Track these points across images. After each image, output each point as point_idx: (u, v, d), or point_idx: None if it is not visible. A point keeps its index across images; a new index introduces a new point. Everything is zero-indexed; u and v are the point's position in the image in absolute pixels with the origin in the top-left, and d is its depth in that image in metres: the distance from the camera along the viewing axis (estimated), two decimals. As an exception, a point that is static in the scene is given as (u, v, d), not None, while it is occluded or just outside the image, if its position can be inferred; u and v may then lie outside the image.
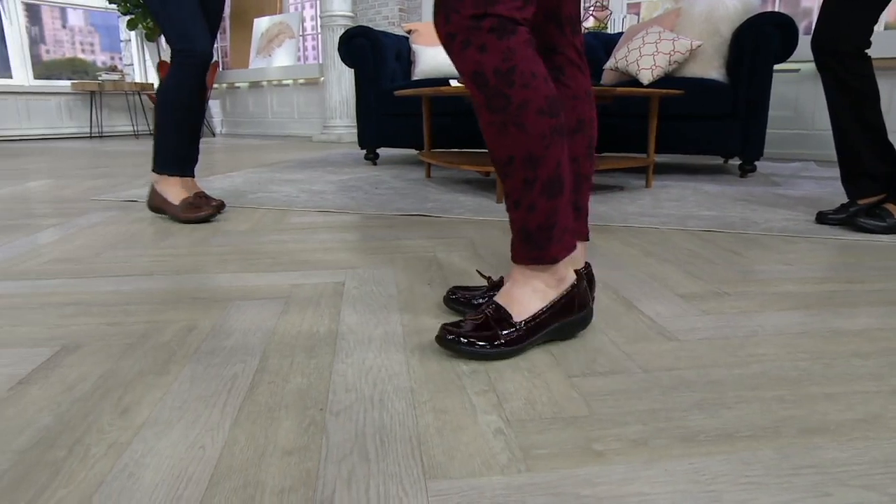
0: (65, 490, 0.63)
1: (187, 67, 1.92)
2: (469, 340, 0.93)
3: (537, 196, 0.94)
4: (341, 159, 4.05)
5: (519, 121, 0.90)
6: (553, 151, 0.93)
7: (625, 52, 3.01)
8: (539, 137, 0.91)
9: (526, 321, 0.97)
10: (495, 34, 0.87)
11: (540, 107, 0.90)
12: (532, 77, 0.90)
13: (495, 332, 0.95)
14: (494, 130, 0.92)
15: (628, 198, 2.41)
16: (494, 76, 0.88)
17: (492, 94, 0.89)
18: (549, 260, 0.98)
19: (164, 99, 1.95)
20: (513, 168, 0.93)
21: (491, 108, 0.91)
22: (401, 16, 5.91)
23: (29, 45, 6.78)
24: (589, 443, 0.71)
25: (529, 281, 0.99)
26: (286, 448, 0.70)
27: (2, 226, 1.98)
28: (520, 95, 0.89)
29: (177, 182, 2.04)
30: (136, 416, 0.77)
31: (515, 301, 0.98)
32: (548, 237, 0.97)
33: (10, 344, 1.01)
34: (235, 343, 1.00)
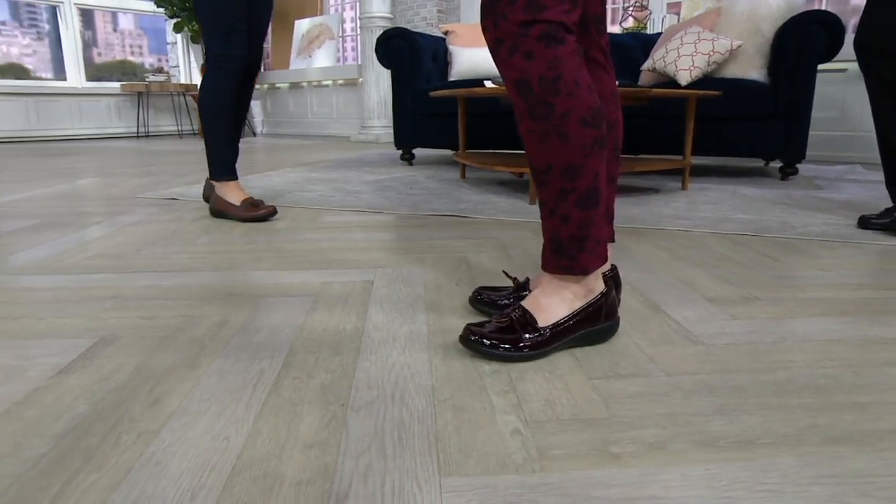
0: (96, 475, 0.65)
1: (226, 72, 1.96)
2: (492, 342, 0.94)
3: (572, 206, 0.94)
4: (378, 159, 4.09)
5: (561, 130, 0.90)
6: (592, 163, 0.92)
7: (662, 53, 2.97)
8: (580, 148, 0.91)
9: (551, 327, 0.96)
10: (543, 42, 0.87)
11: (583, 117, 0.90)
12: (576, 86, 0.89)
13: (519, 336, 0.95)
14: (535, 138, 0.92)
15: (663, 200, 2.37)
16: (539, 84, 0.88)
17: (535, 101, 0.89)
18: (580, 271, 0.97)
19: (207, 106, 1.99)
20: (550, 176, 0.93)
21: (533, 116, 0.91)
22: (439, 17, 5.93)
23: (82, 48, 7.01)
24: (606, 445, 0.71)
25: (558, 290, 0.99)
26: (307, 441, 0.72)
27: (53, 222, 2.06)
28: (564, 104, 0.89)
29: (234, 185, 2.09)
30: (165, 407, 0.80)
31: (542, 308, 0.98)
32: (579, 248, 0.96)
33: (54, 335, 1.05)
34: (264, 339, 1.03)
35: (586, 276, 0.99)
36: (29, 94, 6.50)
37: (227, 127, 2.03)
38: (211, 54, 1.96)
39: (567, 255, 0.97)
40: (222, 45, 1.94)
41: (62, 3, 6.80)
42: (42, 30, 6.98)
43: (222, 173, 2.07)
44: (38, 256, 1.59)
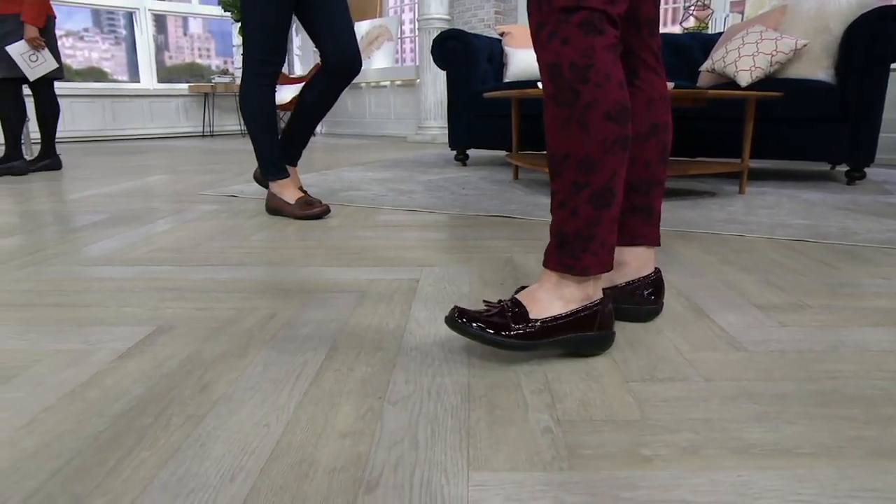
0: (147, 453, 0.70)
1: (264, 77, 2.01)
2: (479, 325, 0.91)
3: (583, 202, 0.92)
4: (433, 160, 4.12)
5: (583, 120, 0.89)
6: (610, 161, 0.91)
7: (722, 53, 2.89)
8: (600, 142, 0.89)
9: (542, 320, 0.93)
10: (582, 30, 0.87)
11: (608, 111, 0.89)
12: (607, 79, 0.88)
13: (507, 324, 0.92)
14: (557, 125, 0.91)
15: (718, 204, 2.32)
16: (570, 70, 0.88)
17: (563, 87, 0.89)
18: (580, 271, 0.94)
19: (249, 111, 2.04)
20: (566, 166, 0.92)
21: (559, 102, 0.90)
22: (496, 18, 5.93)
23: (155, 51, 7.32)
24: (636, 447, 0.71)
25: (556, 288, 0.96)
26: (343, 431, 0.74)
27: (123, 217, 2.17)
28: (590, 94, 0.88)
29: (288, 183, 2.15)
30: (213, 393, 0.84)
31: (537, 301, 0.95)
32: (583, 247, 0.93)
33: (117, 322, 1.12)
34: (309, 332, 1.06)
35: (586, 280, 0.96)
36: (105, 96, 6.83)
37: (270, 129, 2.08)
38: (250, 59, 2.00)
39: (570, 252, 0.94)
40: (263, 51, 1.98)
41: (138, 10, 7.11)
42: (119, 35, 7.33)
43: (273, 173, 2.13)
44: (108, 249, 1.68)
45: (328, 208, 2.09)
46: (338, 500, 0.62)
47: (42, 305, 1.22)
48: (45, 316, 1.15)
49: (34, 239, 1.82)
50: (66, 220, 2.11)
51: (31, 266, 1.51)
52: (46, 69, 3.38)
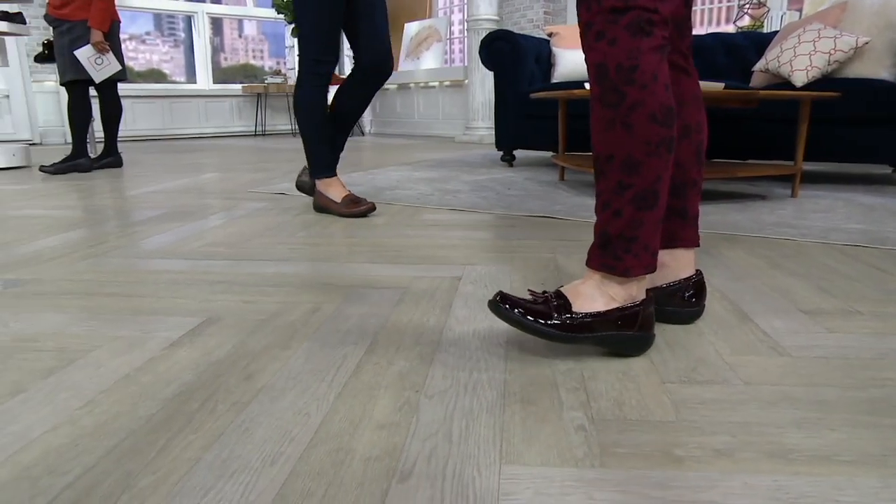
0: (194, 435, 0.73)
1: (318, 77, 2.06)
2: (519, 311, 0.92)
3: (627, 203, 0.92)
4: (479, 160, 4.14)
5: (628, 121, 0.89)
6: (655, 162, 0.91)
7: (777, 53, 2.82)
8: (643, 143, 0.90)
9: (584, 314, 0.94)
10: (629, 31, 0.87)
11: (652, 112, 0.89)
12: (653, 80, 0.89)
13: (549, 313, 0.93)
14: (602, 126, 0.92)
15: (768, 207, 2.26)
16: (616, 71, 0.88)
17: (608, 88, 0.89)
18: (621, 272, 0.94)
19: (302, 110, 2.09)
20: (610, 167, 0.92)
21: (604, 103, 0.91)
22: (545, 18, 5.90)
23: (211, 53, 7.55)
24: (670, 448, 0.71)
25: (599, 286, 0.96)
26: (379, 422, 0.77)
27: (177, 213, 2.25)
28: (635, 95, 0.88)
29: (335, 182, 2.20)
30: (257, 382, 0.87)
31: (580, 295, 0.96)
32: (626, 248, 0.93)
33: (170, 313, 1.17)
34: (351, 326, 1.09)
35: (629, 280, 0.95)
36: (164, 97, 7.07)
37: (322, 128, 2.13)
38: (306, 59, 2.05)
39: (612, 253, 0.94)
40: (318, 51, 2.03)
41: (196, 13, 7.34)
42: (178, 38, 7.58)
43: (322, 171, 2.18)
44: (163, 243, 1.75)
45: (374, 206, 2.12)
46: (372, 487, 0.64)
47: (102, 295, 1.28)
48: (104, 305, 1.22)
49: (96, 232, 1.91)
50: (126, 215, 2.21)
51: (92, 258, 1.59)
52: (111, 71, 3.53)
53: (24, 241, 1.78)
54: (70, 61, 3.45)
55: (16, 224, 2.06)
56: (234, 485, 0.64)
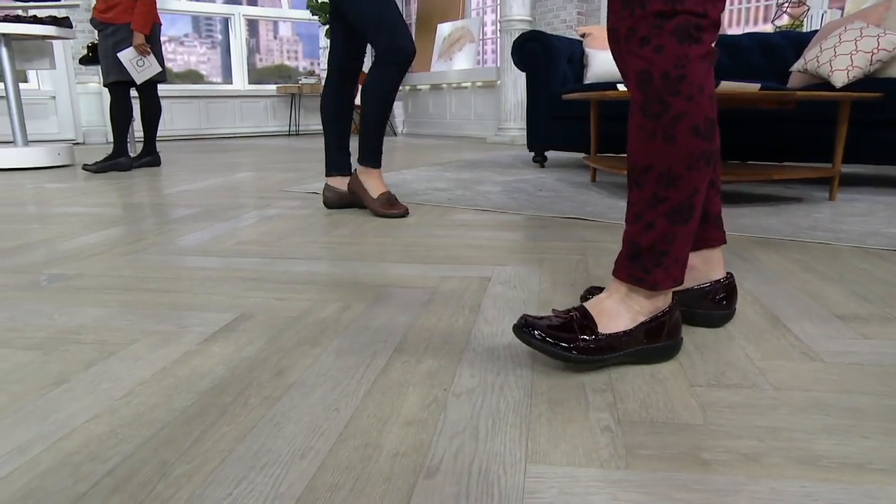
0: (227, 428, 0.75)
1: (394, 65, 2.07)
2: (543, 337, 0.90)
3: (661, 216, 0.90)
4: (510, 161, 4.13)
5: (670, 132, 0.87)
6: (693, 176, 0.89)
7: (816, 52, 2.76)
8: (685, 156, 0.88)
9: (609, 335, 0.92)
10: (676, 38, 0.84)
11: (696, 125, 0.87)
12: (699, 91, 0.86)
13: (574, 336, 0.91)
14: (642, 135, 0.89)
15: (804, 211, 2.22)
16: (661, 79, 0.86)
17: (652, 97, 0.87)
18: (650, 285, 0.92)
19: (370, 93, 2.11)
20: (647, 178, 0.90)
21: (646, 112, 0.88)
22: (578, 19, 5.87)
23: (247, 54, 7.67)
24: (696, 451, 0.71)
25: (625, 300, 0.95)
26: (407, 419, 0.78)
27: (212, 211, 2.30)
28: (680, 107, 0.86)
29: (377, 175, 2.22)
30: (288, 378, 0.89)
31: (606, 313, 0.94)
32: (656, 262, 0.92)
33: (205, 308, 1.20)
34: (381, 325, 1.11)
35: (656, 293, 0.94)
36: (201, 97, 7.21)
37: (384, 119, 2.15)
38: (378, 49, 2.06)
39: (642, 265, 0.92)
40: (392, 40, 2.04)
41: (233, 15, 7.47)
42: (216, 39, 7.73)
43: (372, 160, 2.19)
44: (198, 240, 1.80)
45: (406, 211, 2.14)
46: (399, 482, 0.65)
47: (140, 290, 1.32)
48: (142, 300, 1.25)
49: (134, 229, 1.96)
50: (163, 213, 2.26)
51: (131, 254, 1.63)
52: (151, 73, 3.62)
53: (67, 238, 1.84)
54: (113, 63, 3.55)
55: (60, 221, 2.12)
56: (265, 476, 0.66)
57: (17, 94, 3.90)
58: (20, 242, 1.78)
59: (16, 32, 3.70)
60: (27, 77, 6.27)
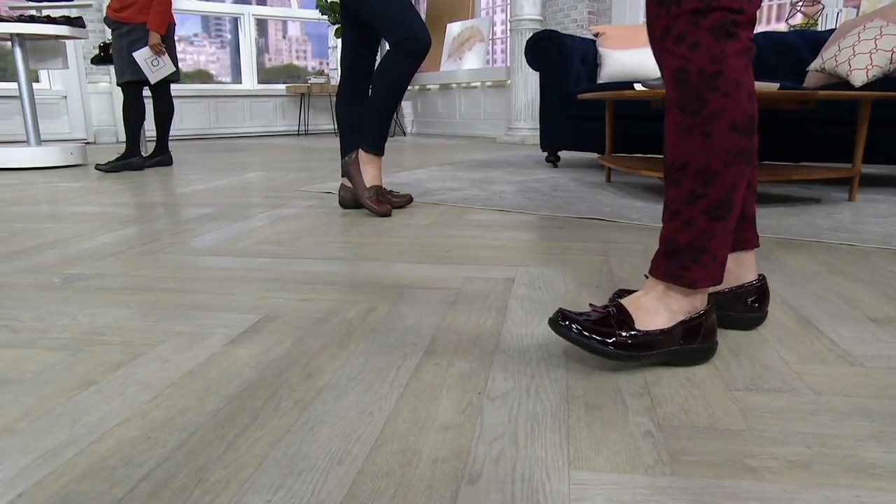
0: (261, 432, 0.74)
1: (409, 55, 2.05)
2: (580, 331, 0.89)
3: (699, 213, 0.89)
4: (522, 161, 4.11)
5: (707, 129, 0.86)
6: (732, 172, 0.87)
7: (834, 51, 2.73)
8: (722, 153, 0.86)
9: (646, 332, 0.91)
10: (713, 34, 0.83)
11: (734, 121, 0.86)
12: (736, 87, 0.85)
13: (612, 331, 0.90)
14: (679, 132, 0.88)
15: (824, 211, 2.19)
16: (698, 76, 0.85)
17: (689, 94, 0.86)
18: (688, 283, 0.91)
19: (381, 78, 2.09)
20: (684, 176, 0.89)
21: (683, 108, 0.87)
22: (590, 18, 5.84)
23: (256, 54, 7.67)
24: (742, 457, 0.69)
25: (662, 298, 0.93)
26: (444, 424, 0.76)
27: (226, 211, 2.29)
28: (717, 103, 0.85)
29: (377, 164, 2.19)
30: (318, 380, 0.88)
31: (643, 310, 0.93)
32: (694, 259, 0.90)
33: (227, 309, 1.19)
34: (408, 326, 1.09)
35: (693, 292, 0.93)
36: (210, 97, 7.22)
37: (392, 108, 2.13)
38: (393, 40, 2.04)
39: (679, 263, 0.91)
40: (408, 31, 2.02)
41: (243, 15, 7.47)
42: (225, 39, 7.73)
43: (374, 145, 2.17)
44: (215, 240, 1.78)
45: (391, 212, 2.12)
46: (441, 489, 0.63)
47: (161, 291, 1.31)
48: (164, 300, 1.24)
49: (150, 229, 1.95)
50: (178, 213, 2.25)
51: (149, 254, 1.62)
52: (166, 73, 3.62)
53: (84, 237, 1.84)
54: (128, 62, 3.55)
55: (75, 220, 2.12)
56: (304, 483, 0.64)
57: (31, 95, 3.90)
58: (38, 242, 1.78)
59: (30, 32, 3.71)
60: (38, 77, 6.28)
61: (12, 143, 5.71)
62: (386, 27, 2.04)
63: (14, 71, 3.84)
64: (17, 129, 6.17)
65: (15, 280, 1.40)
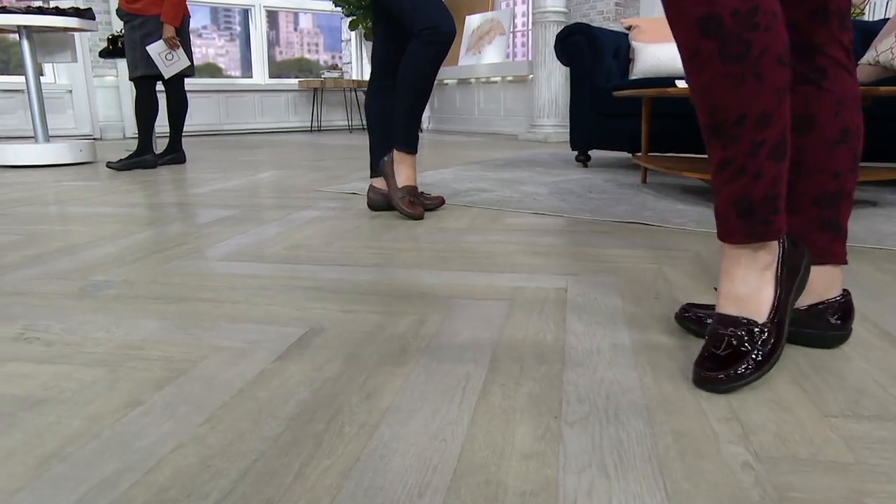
0: (328, 461, 0.71)
1: (433, 45, 2.03)
2: (728, 374, 0.88)
3: (764, 160, 0.87)
4: (549, 159, 4.08)
5: (758, 71, 0.83)
6: (783, 109, 0.86)
7: (890, 43, 2.68)
8: (775, 91, 0.84)
9: (770, 317, 0.91)
10: None
11: (779, 54, 0.83)
12: (774, 18, 0.82)
13: (751, 350, 0.89)
14: (727, 85, 0.84)
15: (883, 215, 2.15)
16: (733, 18, 0.81)
17: (728, 39, 0.82)
18: (774, 235, 0.90)
19: (407, 68, 2.07)
20: (742, 129, 0.86)
21: (725, 58, 0.83)
22: (616, 11, 5.79)
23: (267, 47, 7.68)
24: (858, 495, 0.66)
25: (750, 265, 0.93)
26: (524, 452, 0.73)
27: (249, 213, 2.28)
28: (762, 40, 0.82)
29: (410, 163, 2.17)
30: (379, 402, 0.85)
31: (743, 299, 0.92)
32: (773, 208, 0.89)
33: (269, 321, 1.16)
34: (465, 341, 1.06)
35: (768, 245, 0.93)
36: (220, 91, 7.23)
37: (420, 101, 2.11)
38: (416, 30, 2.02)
39: (760, 218, 0.90)
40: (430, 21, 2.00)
41: (253, 6, 7.48)
42: (234, 31, 7.74)
43: (404, 143, 2.15)
44: (243, 244, 1.76)
45: (423, 215, 2.09)
46: (535, 528, 0.60)
47: (195, 300, 1.29)
48: (200, 311, 1.22)
49: (172, 232, 1.94)
50: (198, 215, 2.24)
51: (176, 259, 1.61)
52: (180, 67, 3.61)
53: (103, 241, 1.82)
54: (141, 56, 3.54)
55: (91, 222, 2.11)
56: (384, 518, 0.62)
57: (39, 89, 3.91)
58: (56, 246, 1.76)
59: (38, 24, 3.71)
60: (42, 70, 6.31)
61: (18, 138, 5.73)
62: (408, 17, 2.03)
63: (19, 63, 3.85)
64: (22, 124, 6.20)
65: (39, 287, 1.38)
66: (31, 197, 2.68)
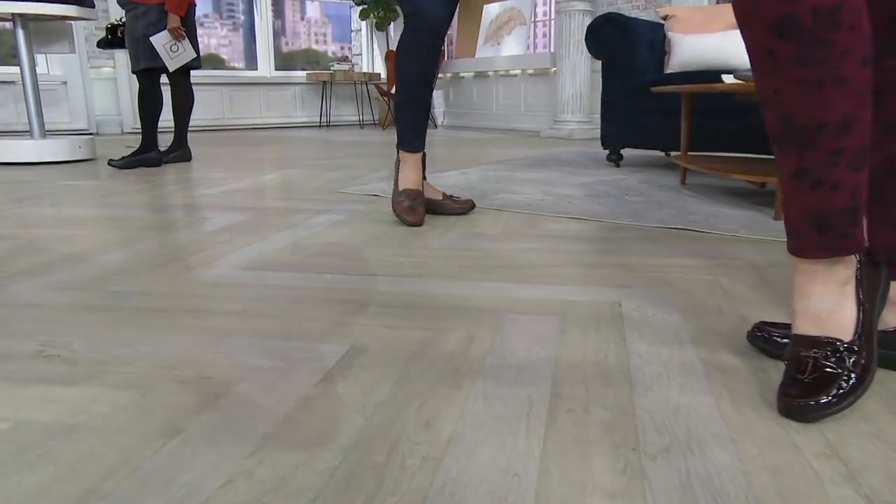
0: (393, 498, 0.69)
1: (415, 31, 2.02)
2: (818, 402, 0.84)
3: (844, 170, 0.84)
4: (577, 158, 4.05)
5: (840, 74, 0.79)
6: (866, 114, 0.83)
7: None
8: (857, 95, 0.81)
9: (857, 335, 0.88)
10: None
11: (864, 55, 0.80)
12: (858, 14, 0.79)
13: (840, 373, 0.86)
14: (808, 91, 0.81)
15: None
16: (813, 17, 0.77)
17: (808, 41, 0.79)
18: (856, 248, 0.88)
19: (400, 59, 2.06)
20: (821, 137, 0.83)
21: (804, 60, 0.80)
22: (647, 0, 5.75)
23: (272, 38, 7.68)
24: None
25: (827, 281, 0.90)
26: (607, 489, 0.71)
27: (268, 216, 2.26)
28: (845, 40, 0.78)
29: (411, 163, 2.15)
30: (440, 431, 0.83)
31: (823, 318, 0.89)
32: (853, 221, 0.87)
33: (307, 338, 1.14)
34: (521, 361, 1.04)
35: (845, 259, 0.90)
36: (224, 84, 7.23)
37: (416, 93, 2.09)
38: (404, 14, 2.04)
39: (839, 232, 0.87)
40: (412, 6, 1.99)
41: (257, -7, 7.49)
42: (238, 20, 7.75)
43: (403, 142, 2.14)
44: (265, 251, 1.75)
45: (421, 221, 2.06)
46: (636, 581, 0.58)
47: (222, 314, 1.27)
48: (229, 326, 1.20)
49: (187, 237, 1.92)
50: (212, 218, 2.22)
51: (196, 268, 1.59)
52: (185, 59, 3.61)
53: (114, 246, 1.81)
54: (144, 48, 3.54)
55: (99, 226, 2.09)
56: (465, 567, 0.59)
57: (35, 82, 3.92)
58: (65, 252, 1.75)
59: (34, 12, 3.71)
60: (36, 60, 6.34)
61: (10, 133, 5.75)
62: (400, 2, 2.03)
63: (10, 53, 3.85)
64: (13, 117, 6.22)
65: (53, 299, 1.36)
66: (31, 198, 2.68)
